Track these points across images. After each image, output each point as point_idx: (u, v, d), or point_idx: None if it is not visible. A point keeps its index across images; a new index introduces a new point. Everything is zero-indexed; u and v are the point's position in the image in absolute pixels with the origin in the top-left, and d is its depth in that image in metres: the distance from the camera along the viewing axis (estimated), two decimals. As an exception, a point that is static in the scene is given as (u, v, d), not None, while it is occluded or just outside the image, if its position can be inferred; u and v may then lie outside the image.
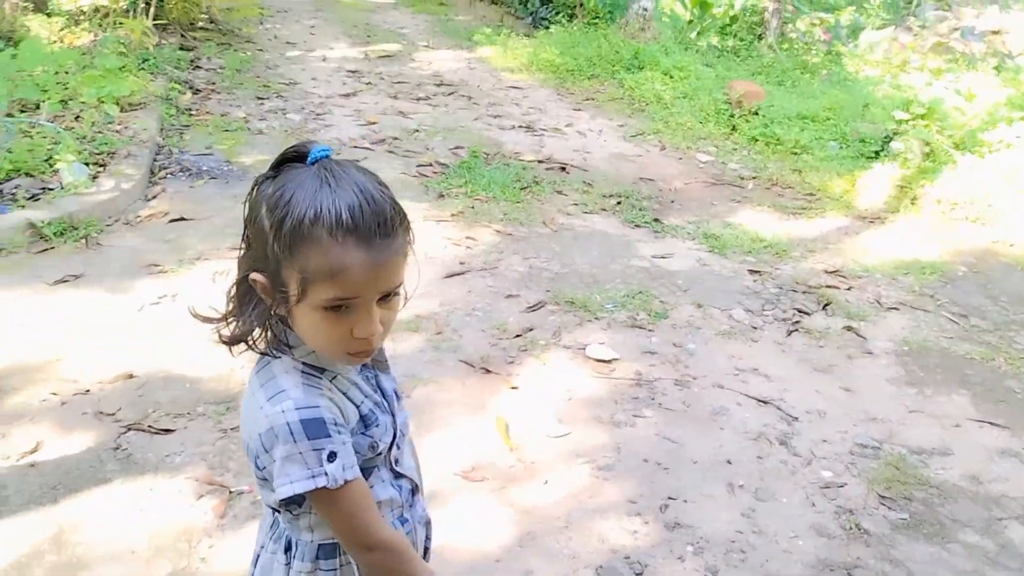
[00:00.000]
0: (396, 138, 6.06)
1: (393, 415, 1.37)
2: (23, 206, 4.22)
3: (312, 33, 9.61)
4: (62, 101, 5.56)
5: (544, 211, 5.01)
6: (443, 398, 3.20)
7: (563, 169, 5.76)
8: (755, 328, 3.89)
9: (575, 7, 9.94)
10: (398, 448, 1.42)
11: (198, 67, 7.63)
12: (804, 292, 4.30)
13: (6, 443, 2.74)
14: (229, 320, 1.27)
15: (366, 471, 1.30)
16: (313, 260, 1.11)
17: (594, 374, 3.43)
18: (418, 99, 7.14)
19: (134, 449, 2.78)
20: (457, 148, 5.92)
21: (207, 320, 1.29)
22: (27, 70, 5.79)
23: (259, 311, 1.23)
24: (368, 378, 1.34)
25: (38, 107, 5.51)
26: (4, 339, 3.27)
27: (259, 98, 6.79)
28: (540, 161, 5.85)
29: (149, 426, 2.88)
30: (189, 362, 3.19)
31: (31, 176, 4.53)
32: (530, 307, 3.87)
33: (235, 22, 9.51)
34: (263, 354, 1.26)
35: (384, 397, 1.36)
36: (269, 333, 1.25)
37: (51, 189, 4.44)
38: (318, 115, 6.49)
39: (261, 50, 8.55)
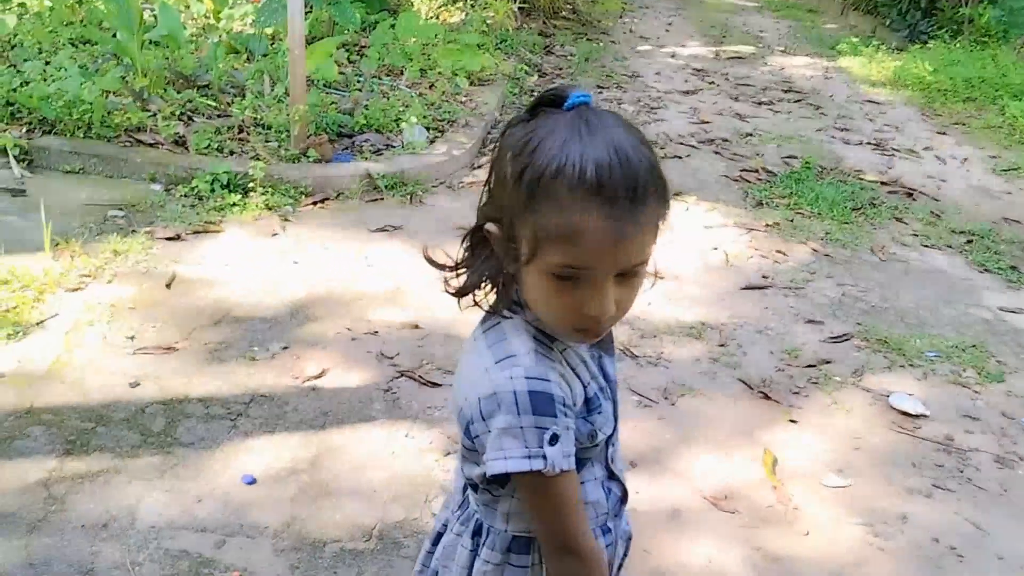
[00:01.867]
0: (726, 140, 5.79)
1: (615, 404, 1.23)
2: (366, 158, 4.60)
3: (667, 30, 9.56)
4: (421, 70, 6.02)
5: (875, 237, 4.48)
6: (710, 414, 2.96)
7: (909, 195, 5.12)
8: (1120, 417, 3.15)
9: (962, 23, 8.85)
10: (613, 446, 1.27)
11: (550, 52, 7.90)
12: None
13: (298, 364, 2.98)
14: (460, 270, 1.18)
15: (579, 463, 1.15)
16: (549, 218, 0.99)
17: (894, 427, 2.98)
18: (760, 103, 6.78)
19: (402, 394, 2.89)
20: (790, 157, 5.52)
21: (438, 266, 1.20)
22: (401, 39, 6.35)
23: (490, 265, 1.13)
24: (593, 357, 1.20)
25: (401, 73, 6.01)
26: (322, 271, 3.58)
27: (599, 87, 6.87)
28: (883, 183, 5.25)
29: (420, 376, 2.98)
30: (469, 325, 3.25)
31: (379, 132, 4.94)
32: (833, 337, 3.47)
33: (596, 14, 9.73)
34: (490, 311, 1.16)
35: (607, 381, 1.22)
36: (499, 289, 1.14)
37: (393, 147, 4.80)
38: (652, 108, 6.41)
39: (614, 42, 8.66)
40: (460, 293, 1.18)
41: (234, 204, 4.01)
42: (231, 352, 3.00)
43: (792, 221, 4.53)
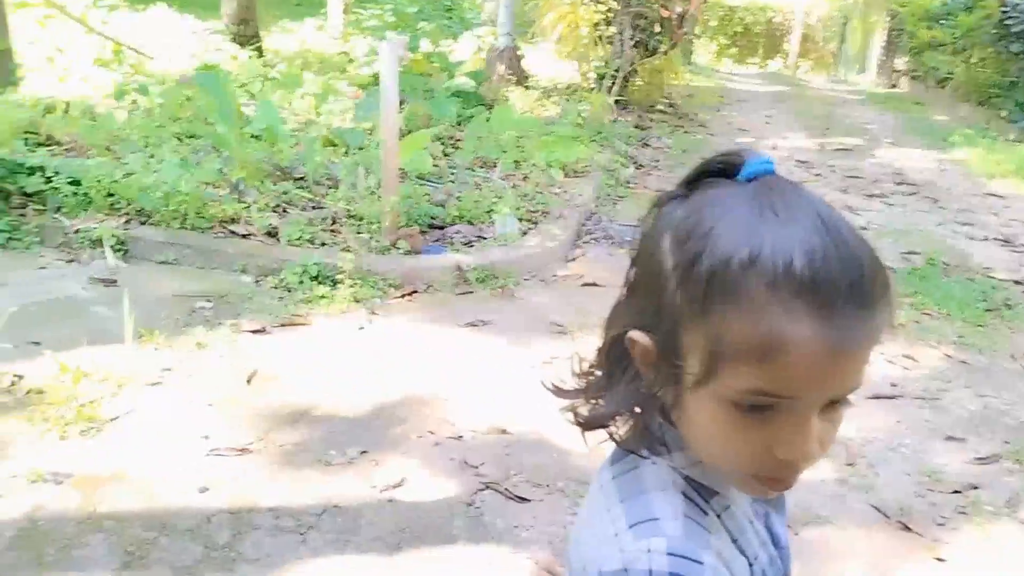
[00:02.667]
0: (838, 234, 5.44)
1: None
2: (457, 250, 4.46)
3: (767, 122, 9.34)
4: (515, 161, 5.93)
5: (1014, 342, 4.03)
6: (840, 548, 2.57)
7: (1048, 295, 4.65)
8: None
9: (1089, 112, 8.34)
10: None
11: (646, 145, 7.76)
12: None
13: (377, 471, 2.75)
14: (590, 395, 0.89)
15: None
16: (736, 326, 0.71)
17: (1061, 568, 2.52)
18: (871, 195, 6.42)
19: (486, 510, 2.61)
20: (910, 253, 5.12)
21: (560, 393, 0.92)
22: (495, 132, 6.31)
23: (631, 388, 0.85)
24: (759, 515, 0.90)
25: (495, 165, 5.93)
26: (406, 369, 3.38)
27: (699, 178, 6.64)
28: (1017, 282, 4.80)
29: (507, 489, 2.70)
30: (562, 431, 2.98)
31: (471, 224, 4.81)
32: (979, 458, 3.03)
33: (693, 107, 9.62)
34: (629, 450, 0.86)
35: (778, 548, 0.91)
36: (638, 420, 0.85)
37: (484, 238, 4.65)
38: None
39: (712, 135, 8.49)
40: (590, 424, 0.88)
41: (322, 296, 3.90)
42: (306, 456, 2.80)
43: (919, 323, 4.13)
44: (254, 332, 3.58)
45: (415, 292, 4.09)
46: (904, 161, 7.65)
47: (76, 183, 4.37)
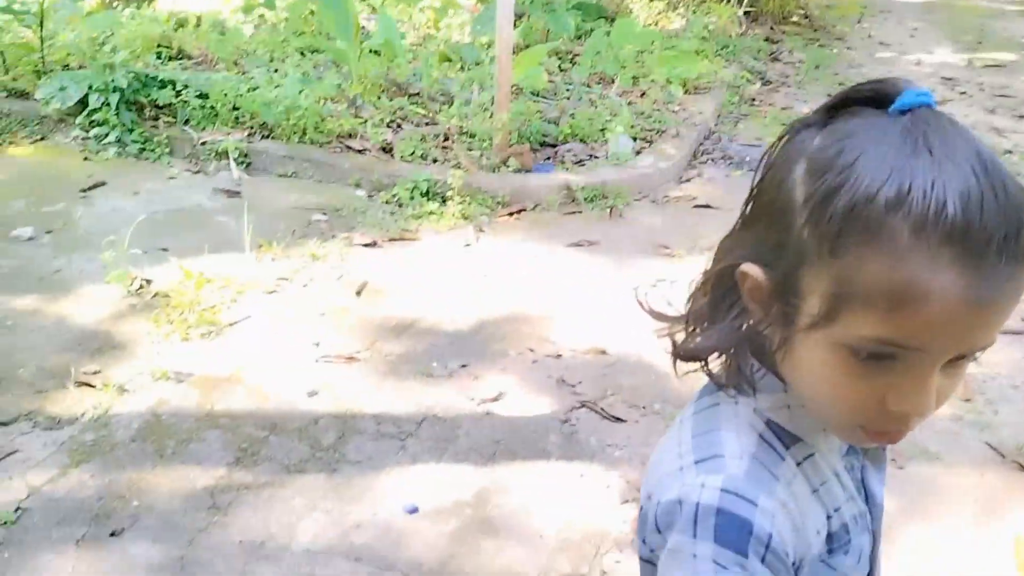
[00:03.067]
0: (980, 157, 5.05)
1: (875, 538, 0.88)
2: (568, 169, 4.40)
3: (912, 35, 8.67)
4: (634, 77, 5.75)
5: None
6: (948, 484, 2.47)
7: None
8: None
9: None
10: None
11: (776, 59, 7.37)
12: None
13: (476, 385, 2.82)
14: (691, 325, 0.84)
15: None
16: (871, 268, 0.65)
17: None
18: (1021, 117, 5.91)
19: (581, 427, 2.64)
20: (1060, 179, 4.71)
21: (659, 316, 0.87)
22: (615, 47, 6.12)
23: (735, 324, 0.80)
24: (851, 468, 0.85)
25: (613, 81, 5.77)
26: (510, 286, 3.41)
27: (828, 95, 6.26)
28: None
29: (603, 408, 2.72)
30: (662, 354, 2.95)
31: (584, 142, 4.73)
32: (1113, 402, 2.83)
33: (830, 19, 9.02)
34: (719, 385, 0.83)
35: (869, 504, 0.87)
36: (733, 361, 0.81)
37: (596, 157, 4.57)
38: (891, 121, 5.75)
39: (849, 48, 7.97)
40: (687, 356, 0.84)
41: (431, 212, 3.95)
42: (410, 367, 2.89)
43: (1061, 255, 3.82)
44: (365, 245, 3.67)
45: (523, 210, 4.08)
46: (1065, 78, 6.98)
47: (203, 96, 4.54)
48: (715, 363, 0.83)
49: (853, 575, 0.83)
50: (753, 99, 6.16)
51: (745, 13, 7.75)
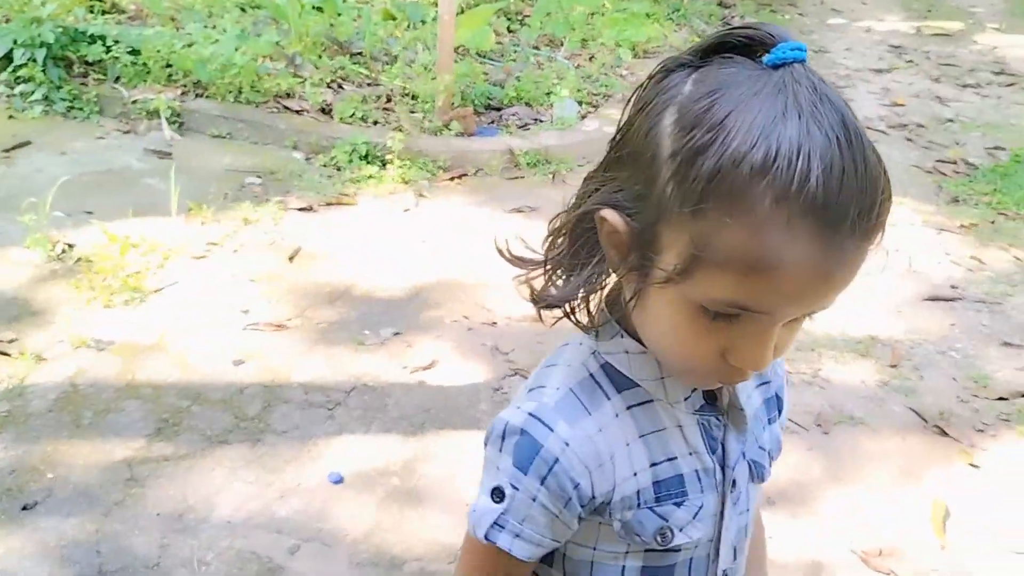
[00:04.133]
0: (921, 125, 5.10)
1: (724, 496, 0.85)
2: (511, 133, 4.35)
3: (864, 3, 8.69)
4: (583, 40, 5.69)
5: (1098, 248, 3.77)
6: (871, 448, 2.51)
7: None
8: None
9: None
10: (722, 558, 0.88)
11: (727, 24, 7.34)
12: None
13: (409, 353, 2.78)
14: (548, 269, 0.82)
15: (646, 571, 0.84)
16: (729, 233, 0.64)
17: (1107, 486, 2.42)
18: (965, 86, 5.97)
19: (513, 395, 2.62)
20: (996, 148, 4.78)
21: (517, 261, 0.86)
22: (566, 8, 6.04)
23: (594, 269, 0.79)
24: (709, 425, 0.84)
25: (562, 44, 5.70)
26: (448, 253, 3.37)
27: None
28: (1112, 183, 4.44)
29: (535, 377, 2.70)
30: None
31: (529, 106, 4.67)
32: (1034, 367, 2.89)
33: (784, -17, 9.01)
34: (584, 329, 0.83)
35: (722, 462, 0.85)
36: (582, 303, 0.82)
37: (541, 121, 4.52)
38: (838, 87, 5.60)
39: (801, 15, 7.96)
40: (545, 303, 0.83)
41: (370, 176, 3.87)
42: (341, 334, 2.84)
43: (993, 223, 3.88)
44: (300, 210, 3.59)
45: (464, 175, 4.02)
46: (1008, 49, 7.05)
47: (135, 52, 4.37)
48: (580, 311, 0.83)
49: (691, 531, 0.83)
50: (702, 64, 6.14)
51: (697, -24, 7.69)
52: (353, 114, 4.26)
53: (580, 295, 0.81)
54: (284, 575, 1.99)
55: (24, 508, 2.08)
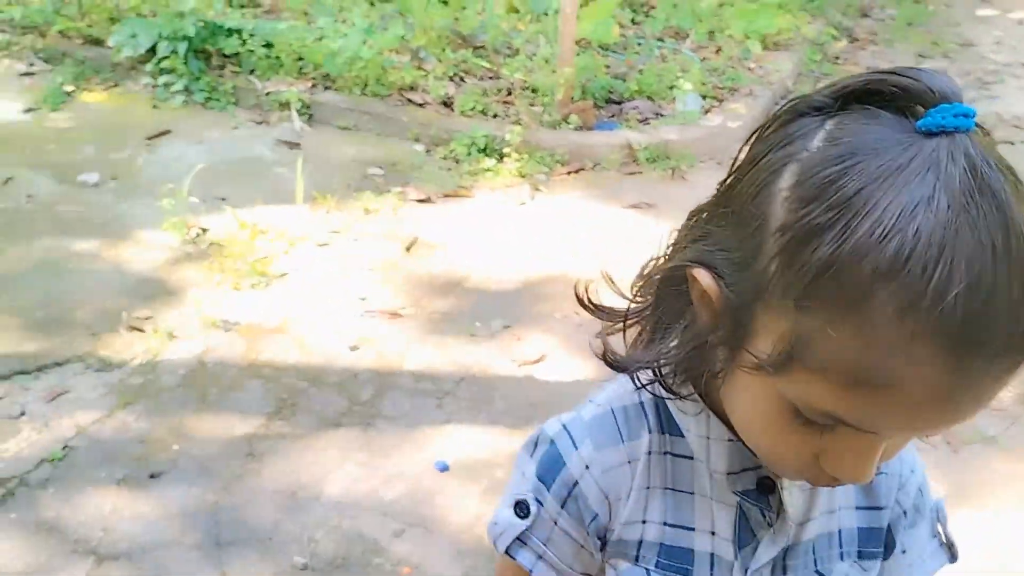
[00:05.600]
0: (1078, 124, 4.74)
1: None
2: (631, 127, 4.29)
3: (1019, -9, 8.14)
4: (710, 32, 5.55)
5: None
6: (1003, 471, 2.35)
7: None
8: None
9: None
10: None
11: (866, 15, 7.01)
12: None
13: (518, 346, 2.80)
14: (630, 322, 0.74)
15: None
16: (836, 338, 0.53)
17: None
18: None
19: (621, 394, 2.60)
20: None
21: (596, 311, 0.78)
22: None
23: (680, 333, 0.69)
24: (747, 514, 0.73)
25: (687, 35, 5.59)
26: (562, 247, 3.36)
27: (920, 55, 5.96)
28: None
29: (645, 376, 2.66)
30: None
31: (651, 100, 4.60)
32: None
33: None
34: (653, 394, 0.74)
35: (746, 564, 0.74)
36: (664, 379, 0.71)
37: (663, 115, 4.44)
38: (985, 83, 5.43)
39: (947, 5, 7.51)
40: (618, 365, 0.73)
41: (488, 169, 3.91)
42: (453, 325, 2.88)
43: None
44: (419, 201, 3.66)
45: (581, 169, 4.00)
46: None
47: (269, 46, 4.56)
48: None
49: None
50: (837, 57, 5.88)
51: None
52: (473, 107, 4.30)
53: (659, 363, 0.70)
54: (386, 557, 2.03)
55: (151, 476, 2.21)
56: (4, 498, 2.12)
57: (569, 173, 3.97)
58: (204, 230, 3.27)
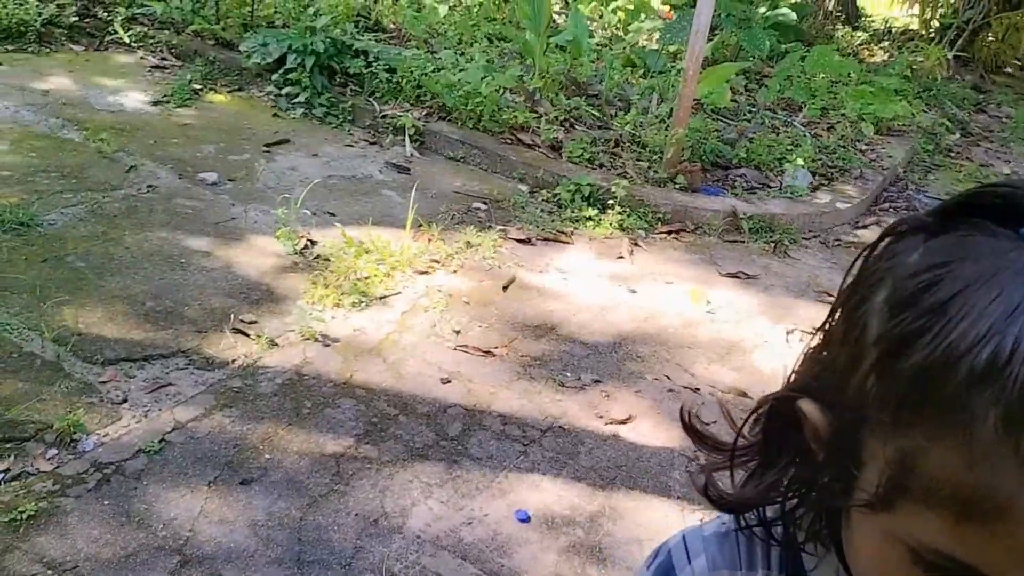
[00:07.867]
0: None
1: None
2: (737, 194, 4.27)
3: None
4: (823, 108, 5.52)
5: None
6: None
7: None
8: None
9: None
10: None
11: (982, 111, 6.90)
12: None
13: (606, 403, 2.78)
14: (739, 458, 0.68)
15: None
16: (937, 457, 0.49)
17: None
18: None
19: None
20: None
21: (700, 441, 0.72)
22: (809, 74, 5.88)
23: (789, 470, 0.64)
24: None
25: (800, 109, 5.55)
26: (657, 307, 3.34)
27: (1036, 158, 5.81)
28: None
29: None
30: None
31: (759, 170, 4.58)
32: None
33: (1050, 72, 8.35)
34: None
35: None
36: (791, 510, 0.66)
37: (770, 187, 4.41)
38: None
39: (1066, 106, 7.34)
40: (720, 503, 0.68)
41: (589, 218, 3.92)
42: (543, 371, 2.88)
43: None
44: (519, 241, 3.69)
45: (683, 231, 3.99)
46: None
47: (391, 71, 4.68)
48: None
49: None
50: (950, 150, 5.79)
51: (955, 57, 7.27)
52: (581, 154, 4.34)
53: (766, 504, 0.65)
54: (462, 602, 2.02)
55: (242, 482, 2.24)
56: (100, 484, 2.18)
57: (670, 232, 3.96)
58: (313, 242, 3.34)
